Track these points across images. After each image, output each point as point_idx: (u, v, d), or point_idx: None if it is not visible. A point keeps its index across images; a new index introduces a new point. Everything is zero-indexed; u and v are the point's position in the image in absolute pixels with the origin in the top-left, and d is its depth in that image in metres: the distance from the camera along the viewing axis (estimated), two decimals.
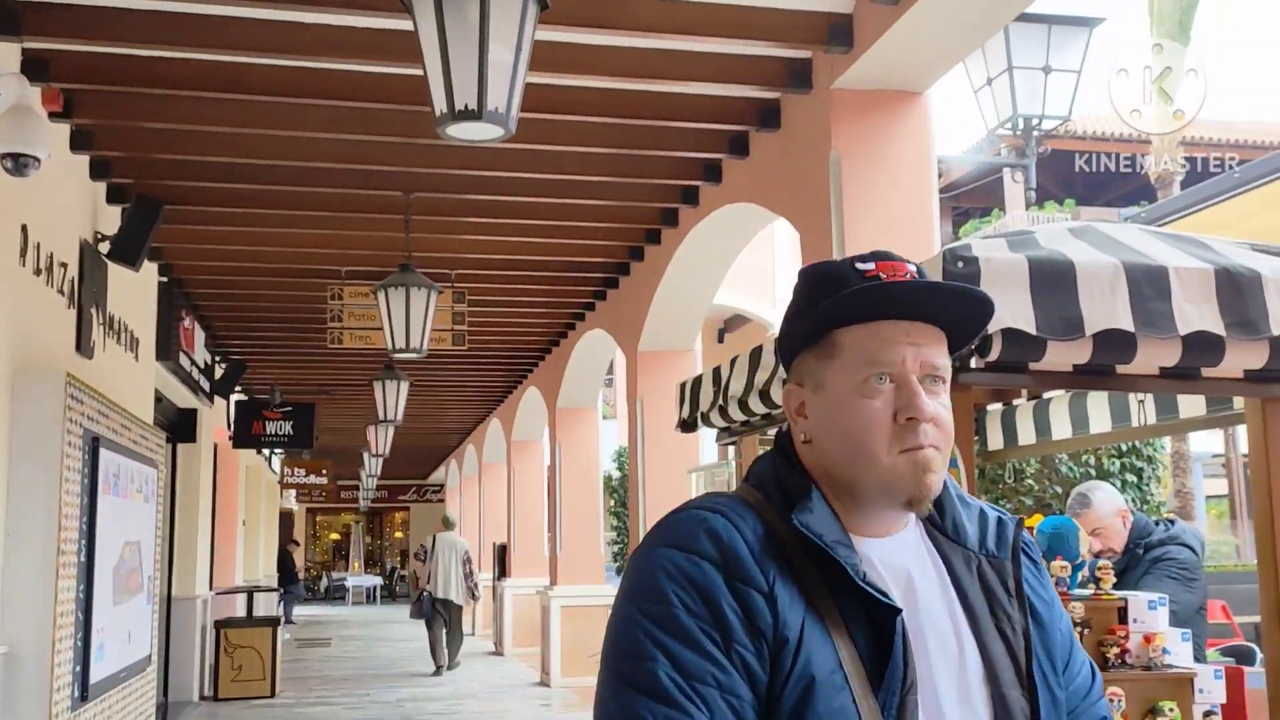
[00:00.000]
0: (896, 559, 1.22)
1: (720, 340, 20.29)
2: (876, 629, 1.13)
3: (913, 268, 1.26)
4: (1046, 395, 4.13)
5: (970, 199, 21.03)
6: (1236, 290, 2.53)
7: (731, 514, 1.18)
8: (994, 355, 2.58)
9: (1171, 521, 4.00)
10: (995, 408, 4.46)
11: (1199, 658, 3.51)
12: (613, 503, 16.79)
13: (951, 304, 1.25)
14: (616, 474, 16.96)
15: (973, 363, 2.63)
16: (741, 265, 9.83)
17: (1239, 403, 3.10)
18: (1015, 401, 4.36)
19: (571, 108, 5.59)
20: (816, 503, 1.20)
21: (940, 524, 1.29)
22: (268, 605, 15.23)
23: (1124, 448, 7.94)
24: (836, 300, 1.24)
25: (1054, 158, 18.40)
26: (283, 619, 16.76)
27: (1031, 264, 2.46)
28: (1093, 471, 7.82)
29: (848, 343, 1.23)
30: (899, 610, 1.13)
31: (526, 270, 8.71)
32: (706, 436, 7.25)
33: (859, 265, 1.26)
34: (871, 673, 1.12)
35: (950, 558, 1.26)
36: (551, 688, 11.58)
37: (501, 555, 15.57)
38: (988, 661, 1.20)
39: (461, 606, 13.67)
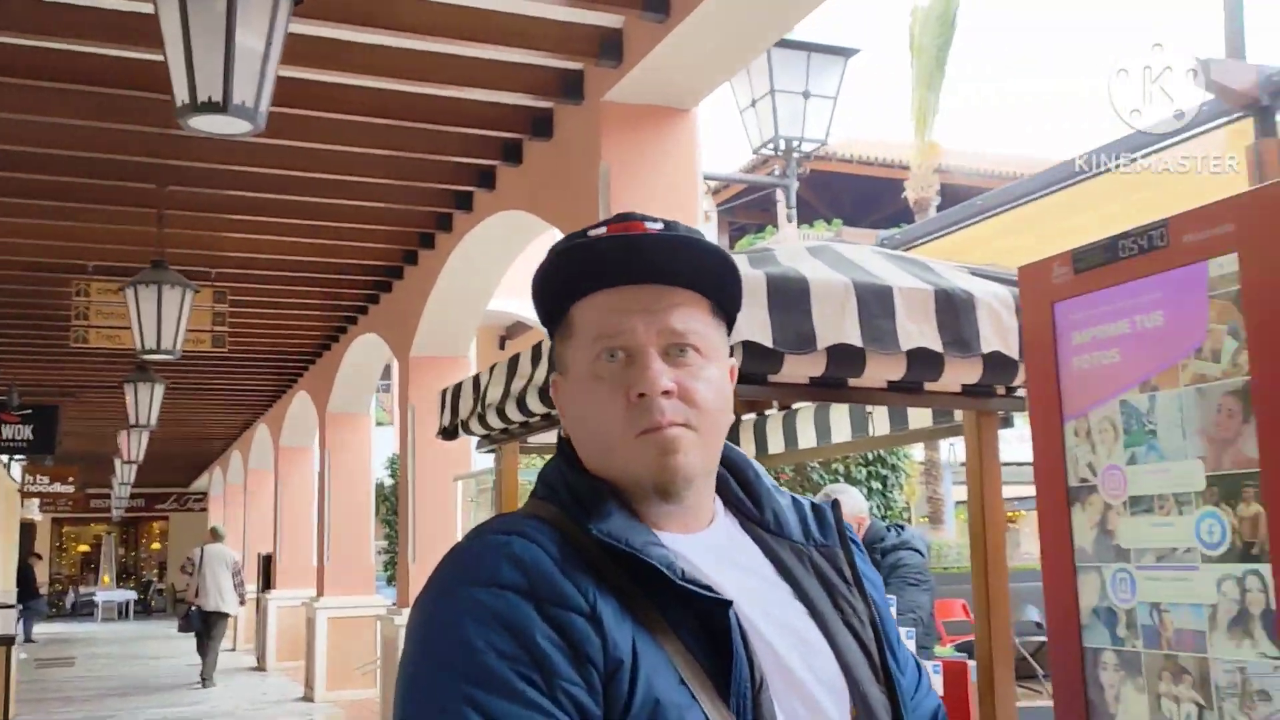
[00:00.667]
0: (710, 555, 1.08)
1: (502, 347, 20.18)
2: (710, 631, 1.00)
3: (656, 225, 1.09)
4: (795, 406, 4.32)
5: (746, 215, 21.80)
6: (953, 311, 2.72)
7: (531, 532, 1.02)
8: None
9: (901, 527, 4.26)
10: (749, 418, 4.63)
11: (925, 656, 3.74)
12: (385, 510, 16.42)
13: (673, 259, 1.09)
14: (390, 481, 16.61)
15: None
16: (523, 272, 9.82)
17: (960, 415, 3.33)
18: (767, 412, 4.54)
19: (342, 106, 5.45)
20: (612, 505, 1.06)
21: (760, 517, 1.15)
22: (4, 623, 14.08)
23: (870, 457, 8.43)
24: (542, 268, 1.11)
25: (820, 178, 19.31)
26: (21, 637, 15.51)
27: (769, 280, 2.56)
28: (841, 479, 8.26)
29: (578, 318, 1.11)
30: (729, 602, 1.00)
31: (295, 271, 8.41)
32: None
33: (591, 231, 1.10)
34: (716, 679, 0.98)
35: (777, 552, 1.13)
36: (315, 702, 11.20)
37: (266, 566, 14.97)
38: (841, 659, 1.08)
39: (228, 616, 13.28)
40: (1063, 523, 1.92)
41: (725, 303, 1.14)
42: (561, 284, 1.12)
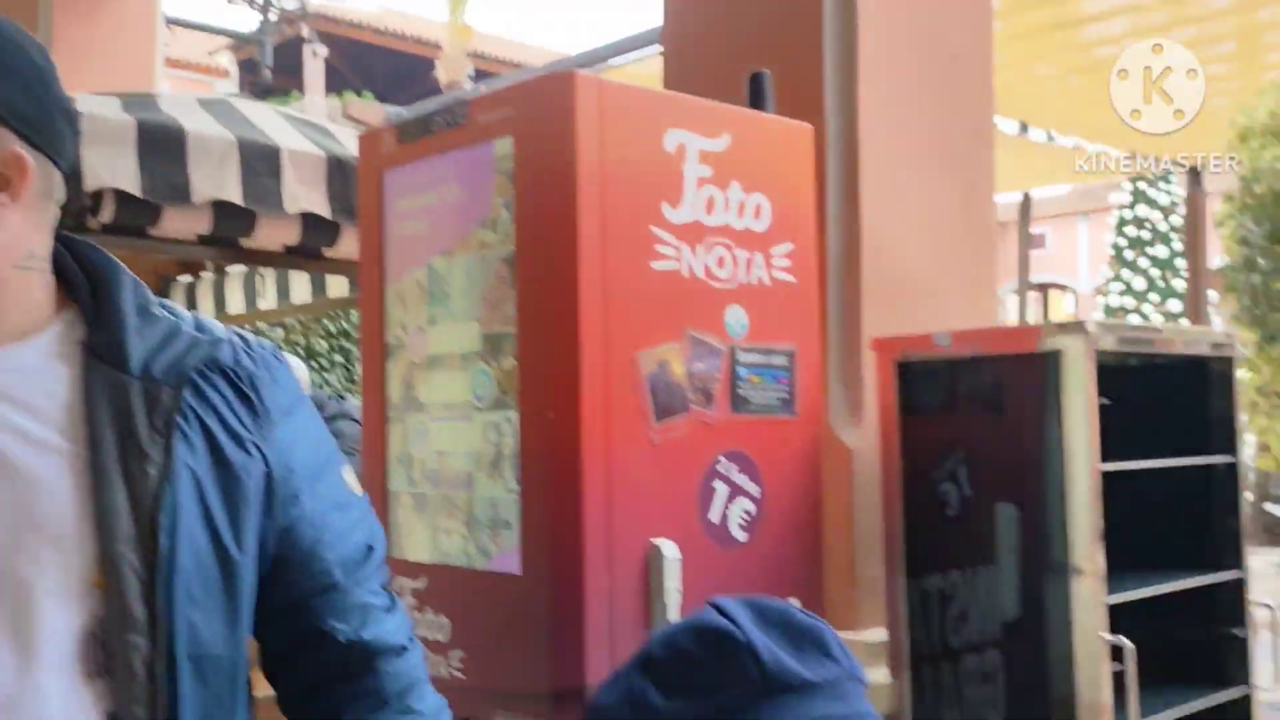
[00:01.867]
0: None
1: None
2: None
3: None
4: (229, 270, 4.21)
5: (275, 78, 20.62)
6: (344, 177, 2.77)
7: None
8: (107, 217, 2.56)
9: (343, 398, 4.33)
10: (184, 279, 4.44)
11: None
12: None
13: None
14: None
15: (89, 223, 2.58)
16: None
17: None
18: (202, 274, 4.39)
19: None
20: None
21: (93, 338, 1.02)
22: None
23: (333, 330, 8.51)
24: None
25: (354, 49, 18.72)
26: None
27: (141, 127, 2.46)
28: (301, 351, 8.23)
29: None
30: None
31: None
32: None
33: None
34: None
35: (92, 385, 1.00)
36: None
37: None
38: (100, 512, 0.97)
39: None
40: (378, 378, 2.05)
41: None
42: None
